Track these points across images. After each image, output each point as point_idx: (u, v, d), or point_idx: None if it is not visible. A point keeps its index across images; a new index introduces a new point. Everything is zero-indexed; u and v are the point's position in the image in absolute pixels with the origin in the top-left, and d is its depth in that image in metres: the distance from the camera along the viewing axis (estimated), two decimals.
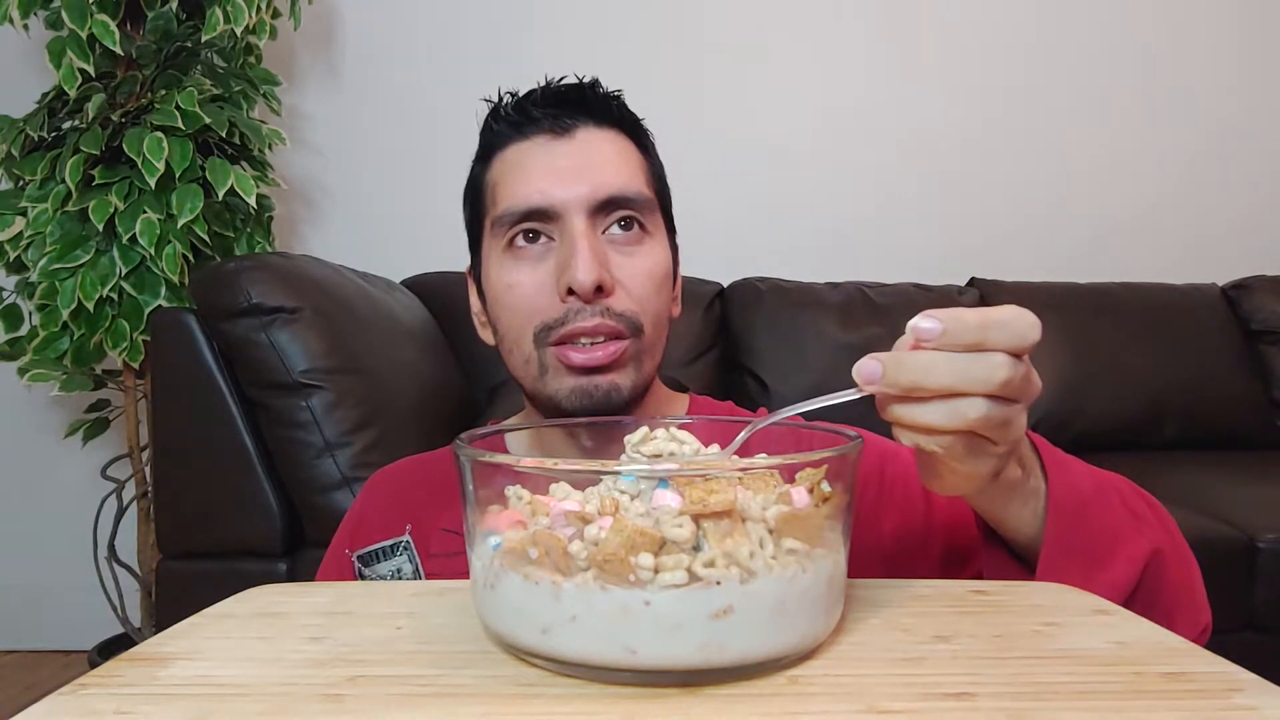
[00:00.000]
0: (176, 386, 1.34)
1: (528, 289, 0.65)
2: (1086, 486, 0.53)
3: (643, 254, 0.67)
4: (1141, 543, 0.52)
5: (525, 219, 0.65)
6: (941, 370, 0.39)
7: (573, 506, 0.35)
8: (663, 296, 0.68)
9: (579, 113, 0.68)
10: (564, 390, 0.65)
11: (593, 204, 0.64)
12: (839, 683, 0.34)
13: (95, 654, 1.67)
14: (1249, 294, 2.10)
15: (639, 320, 0.65)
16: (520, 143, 0.68)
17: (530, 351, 0.66)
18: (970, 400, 0.40)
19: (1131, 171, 2.25)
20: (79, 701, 0.33)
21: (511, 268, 0.67)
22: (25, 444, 2.05)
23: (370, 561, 0.72)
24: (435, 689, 0.34)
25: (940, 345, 0.39)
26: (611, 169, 0.66)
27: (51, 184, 1.58)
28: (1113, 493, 0.54)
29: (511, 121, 0.69)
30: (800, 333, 1.91)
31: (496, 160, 0.70)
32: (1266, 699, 0.32)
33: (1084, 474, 0.54)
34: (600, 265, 0.63)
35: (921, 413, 0.41)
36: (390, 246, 2.08)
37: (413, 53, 2.14)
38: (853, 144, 2.20)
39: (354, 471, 1.28)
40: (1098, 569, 0.50)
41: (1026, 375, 0.41)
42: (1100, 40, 2.24)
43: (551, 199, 0.64)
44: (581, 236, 0.63)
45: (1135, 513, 0.54)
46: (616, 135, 0.69)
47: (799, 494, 0.36)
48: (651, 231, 0.68)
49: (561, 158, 0.66)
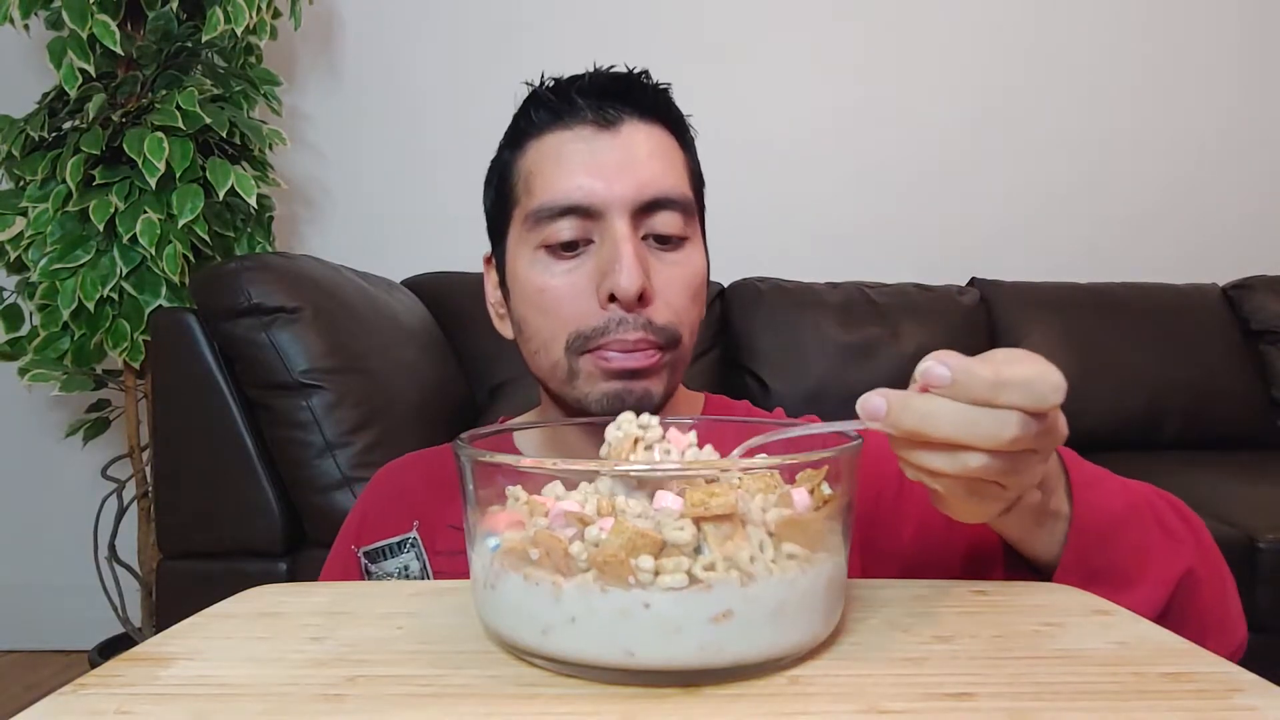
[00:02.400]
0: (177, 386, 1.34)
1: (563, 294, 0.62)
2: (1116, 506, 0.51)
3: (682, 262, 0.64)
4: (1174, 564, 0.51)
5: (564, 215, 0.62)
6: (946, 420, 0.37)
7: (572, 507, 0.35)
8: (698, 305, 0.66)
9: (625, 104, 0.64)
10: (595, 394, 0.62)
11: (637, 204, 0.62)
12: (839, 683, 0.34)
13: (95, 654, 1.67)
14: (1249, 294, 2.10)
15: (678, 332, 0.63)
16: (560, 132, 0.64)
17: (560, 358, 0.63)
18: (974, 454, 0.38)
19: (1132, 172, 2.24)
20: (79, 701, 0.33)
21: (545, 270, 0.63)
22: (26, 444, 2.05)
23: (377, 558, 0.71)
24: (435, 689, 0.34)
25: (950, 395, 0.37)
26: (656, 168, 0.63)
27: (52, 184, 1.58)
28: (1145, 510, 0.53)
29: (553, 108, 0.65)
30: (800, 333, 1.91)
31: (532, 148, 0.65)
32: (1267, 699, 0.32)
33: (1115, 492, 0.52)
34: (643, 272, 0.60)
35: (924, 458, 0.39)
36: (390, 246, 2.08)
37: (413, 53, 2.14)
38: (853, 144, 2.20)
39: (354, 471, 1.28)
40: (1123, 591, 0.49)
41: (1048, 430, 0.39)
42: (1101, 40, 2.24)
43: (594, 197, 0.61)
44: (625, 240, 0.60)
45: (1169, 532, 0.53)
46: (662, 132, 0.66)
47: (799, 495, 0.36)
48: (690, 236, 0.65)
49: (605, 151, 0.62)
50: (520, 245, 0.65)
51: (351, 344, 1.37)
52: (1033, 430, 0.37)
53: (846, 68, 2.21)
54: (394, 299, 1.65)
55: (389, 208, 2.14)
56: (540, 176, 0.64)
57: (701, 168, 0.71)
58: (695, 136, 0.71)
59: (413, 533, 0.70)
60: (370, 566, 0.71)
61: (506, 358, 1.83)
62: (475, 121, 2.16)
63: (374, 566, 0.71)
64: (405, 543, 0.70)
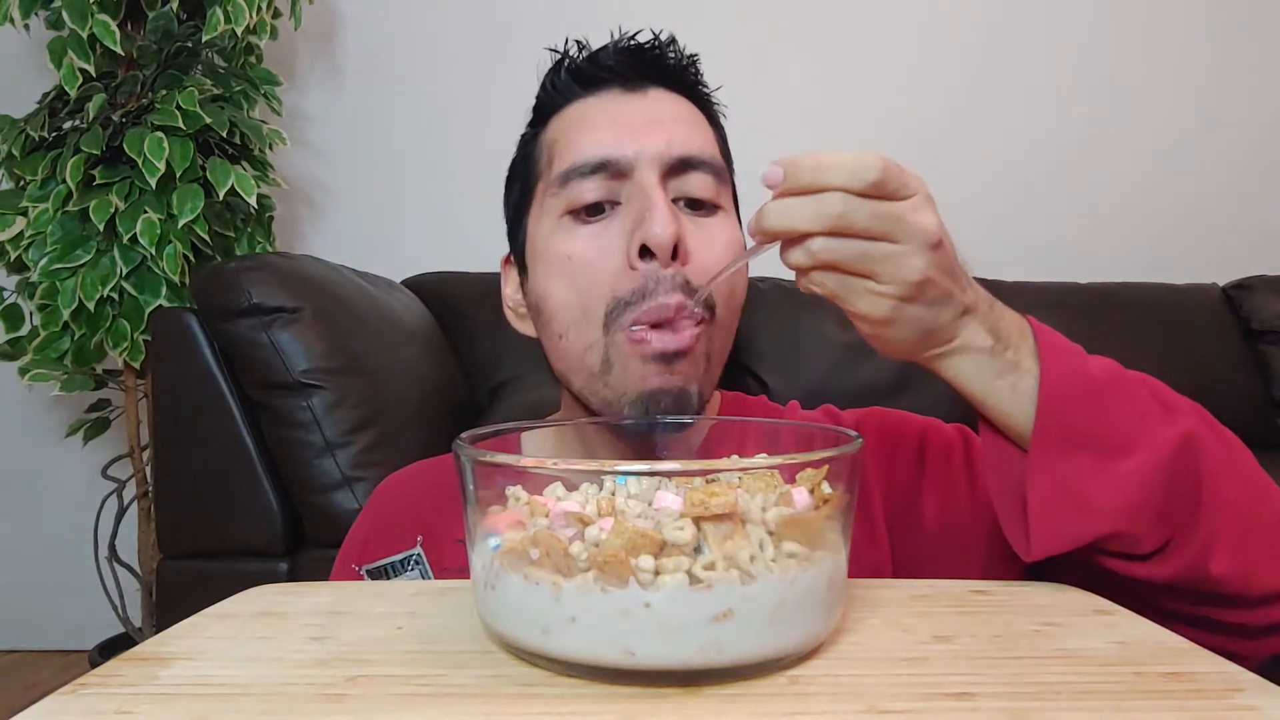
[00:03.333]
0: (177, 386, 1.34)
1: (591, 257, 0.58)
2: (1094, 370, 0.49)
3: (716, 227, 0.60)
4: (1171, 426, 0.47)
5: (591, 174, 0.58)
6: (779, 217, 0.44)
7: (573, 507, 0.35)
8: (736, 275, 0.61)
9: (651, 73, 0.63)
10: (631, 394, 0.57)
11: (667, 160, 0.58)
12: (839, 683, 0.34)
13: (96, 654, 1.67)
14: (1249, 294, 2.10)
15: (713, 300, 0.58)
16: (586, 99, 0.62)
17: (596, 337, 0.57)
18: (815, 240, 0.44)
19: (1132, 171, 2.24)
20: (79, 701, 0.33)
21: (569, 235, 0.59)
22: (26, 444, 2.05)
23: (380, 577, 0.68)
24: (435, 689, 0.34)
25: (785, 191, 0.44)
26: (686, 128, 0.61)
27: (52, 184, 1.58)
28: (1137, 383, 0.49)
29: (579, 75, 0.63)
30: (800, 333, 1.91)
31: (555, 119, 0.63)
32: (1267, 699, 0.32)
33: (1098, 362, 0.50)
34: (678, 224, 0.56)
35: (785, 253, 0.46)
36: (390, 246, 2.08)
37: (413, 53, 2.14)
38: (850, 143, 2.19)
39: (354, 471, 1.28)
40: (1113, 459, 0.46)
41: (889, 214, 0.44)
42: (1100, 39, 2.24)
43: (623, 150, 0.58)
44: (655, 189, 0.57)
45: (1164, 401, 0.49)
46: (688, 103, 0.64)
47: (800, 495, 0.36)
48: (724, 205, 0.62)
49: (633, 113, 0.60)
50: (542, 218, 0.62)
51: (352, 344, 1.37)
52: (866, 210, 0.43)
53: (843, 68, 2.21)
54: (394, 299, 1.65)
55: (389, 208, 2.14)
56: (564, 140, 0.61)
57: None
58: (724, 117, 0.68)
59: (417, 549, 0.67)
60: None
61: (507, 358, 1.84)
62: (476, 121, 2.17)
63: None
64: (409, 560, 0.67)
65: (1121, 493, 0.46)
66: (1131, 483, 0.46)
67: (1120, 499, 0.46)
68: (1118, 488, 0.46)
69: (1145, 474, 0.46)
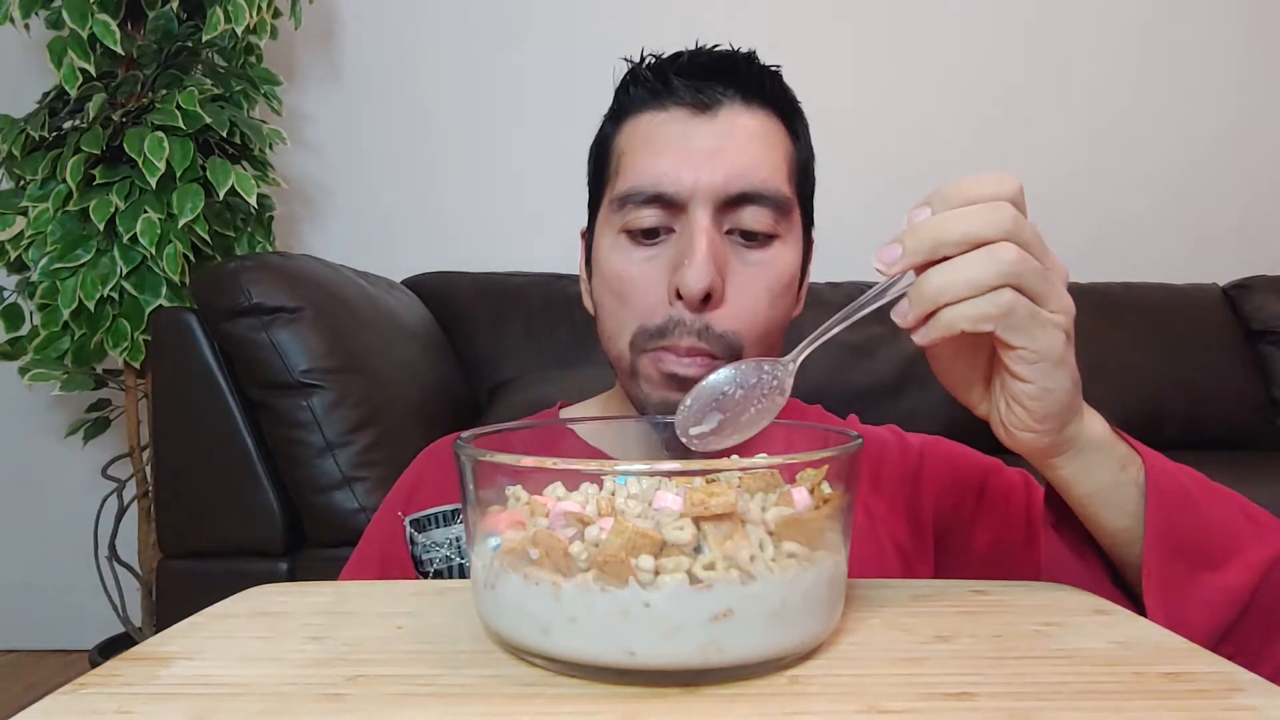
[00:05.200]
0: (177, 386, 1.34)
1: (638, 283, 0.61)
2: (1188, 479, 0.47)
3: (766, 262, 0.61)
4: (1263, 545, 0.46)
5: (647, 204, 0.60)
6: (953, 221, 0.39)
7: (572, 507, 0.35)
8: (777, 308, 0.62)
9: (727, 86, 0.62)
10: (655, 398, 0.61)
11: (722, 196, 0.59)
12: (839, 683, 0.34)
13: (96, 653, 1.67)
14: (1249, 294, 2.10)
15: (739, 343, 0.60)
16: (655, 113, 0.62)
17: (624, 351, 0.62)
18: (1001, 245, 0.39)
19: (1132, 171, 2.24)
20: (79, 701, 0.33)
21: (624, 257, 0.62)
22: (26, 444, 2.05)
23: (424, 527, 0.67)
24: (435, 689, 0.34)
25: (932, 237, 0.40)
26: (751, 157, 0.60)
27: (52, 183, 1.58)
28: (1227, 494, 0.49)
29: (649, 87, 0.63)
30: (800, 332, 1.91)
31: (628, 125, 0.64)
32: (1267, 699, 0.32)
33: (1186, 469, 0.49)
34: (715, 271, 0.58)
35: (959, 268, 0.39)
36: (390, 246, 2.08)
37: (413, 53, 2.14)
38: (851, 143, 2.20)
39: (354, 471, 1.28)
40: (1209, 570, 0.45)
41: (1039, 236, 0.41)
42: (1100, 39, 2.24)
43: (679, 185, 0.59)
44: (702, 234, 0.58)
45: (1254, 519, 0.49)
46: (765, 116, 0.63)
47: (800, 495, 0.36)
48: (782, 234, 0.62)
49: (697, 138, 0.60)
50: (605, 227, 0.64)
51: (352, 344, 1.37)
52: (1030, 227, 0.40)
53: (842, 68, 2.21)
54: (394, 299, 1.65)
55: (389, 207, 2.14)
56: (629, 157, 0.62)
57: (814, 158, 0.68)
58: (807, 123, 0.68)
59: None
60: (416, 535, 0.67)
61: (507, 357, 1.84)
62: (476, 121, 2.17)
63: (420, 535, 0.67)
64: (458, 513, 0.66)
65: (1203, 609, 0.44)
66: (1214, 600, 0.44)
67: (1204, 618, 0.44)
68: (1201, 603, 0.44)
69: (1234, 590, 0.45)
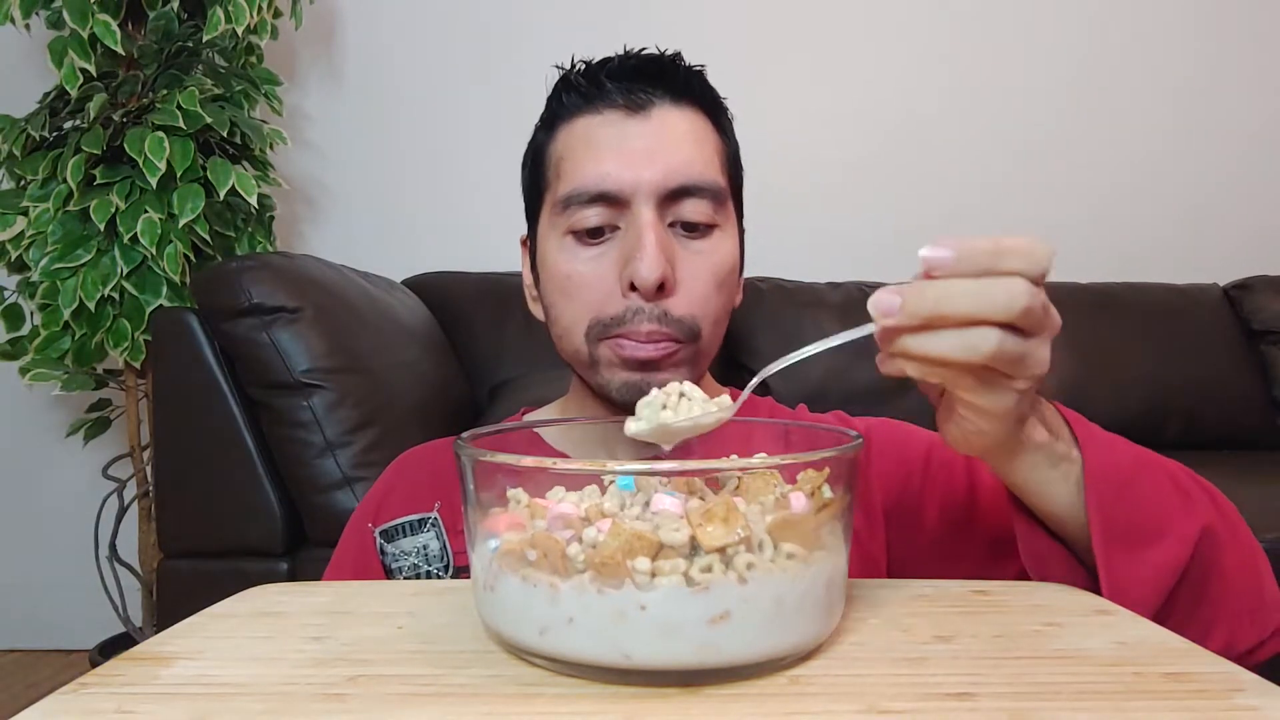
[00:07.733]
0: (178, 386, 1.34)
1: (587, 280, 0.62)
2: (1126, 460, 0.50)
3: (709, 250, 0.63)
4: (1191, 519, 0.49)
5: (591, 203, 0.62)
6: (960, 295, 0.38)
7: (570, 509, 0.35)
8: (724, 294, 0.65)
9: (656, 87, 0.64)
10: (616, 382, 0.62)
11: (663, 192, 0.61)
12: (839, 683, 0.34)
13: (96, 653, 1.67)
14: (1250, 294, 2.10)
15: (697, 325, 0.62)
16: (590, 116, 0.64)
17: (580, 344, 0.63)
18: (982, 331, 0.38)
19: (1133, 171, 2.24)
20: (80, 701, 0.33)
21: (571, 256, 0.63)
22: (26, 444, 2.05)
23: (393, 536, 0.68)
24: (435, 689, 0.34)
25: (953, 274, 0.38)
26: (685, 154, 0.62)
27: (53, 183, 1.58)
28: (1159, 470, 0.51)
29: (582, 92, 0.64)
30: (801, 333, 1.91)
31: (563, 131, 0.65)
32: (1267, 699, 0.32)
33: (1124, 449, 0.51)
34: (665, 261, 0.60)
35: (934, 343, 0.39)
36: (390, 246, 2.08)
37: (413, 53, 2.14)
38: (853, 144, 2.20)
39: (355, 471, 1.28)
40: (1145, 548, 0.47)
41: (1045, 306, 0.40)
42: (1102, 40, 2.24)
43: (621, 183, 0.61)
44: (649, 228, 0.60)
45: (1184, 491, 0.51)
46: (694, 114, 0.65)
47: (797, 499, 0.36)
48: (721, 223, 0.64)
49: (634, 139, 0.62)
50: (550, 230, 0.65)
51: (352, 344, 1.37)
52: (1040, 300, 0.38)
53: (847, 69, 2.21)
54: (394, 299, 1.65)
55: (389, 208, 2.14)
56: (569, 162, 0.64)
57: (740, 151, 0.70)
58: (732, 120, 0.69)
59: (434, 513, 0.68)
60: (385, 545, 0.68)
61: (506, 357, 1.84)
62: (476, 121, 2.17)
63: (390, 545, 0.68)
64: (425, 522, 0.68)
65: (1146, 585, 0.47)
66: (1153, 576, 0.47)
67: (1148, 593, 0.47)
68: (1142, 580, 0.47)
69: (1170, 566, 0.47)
